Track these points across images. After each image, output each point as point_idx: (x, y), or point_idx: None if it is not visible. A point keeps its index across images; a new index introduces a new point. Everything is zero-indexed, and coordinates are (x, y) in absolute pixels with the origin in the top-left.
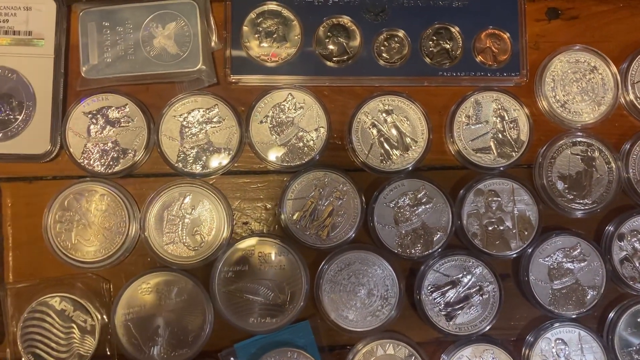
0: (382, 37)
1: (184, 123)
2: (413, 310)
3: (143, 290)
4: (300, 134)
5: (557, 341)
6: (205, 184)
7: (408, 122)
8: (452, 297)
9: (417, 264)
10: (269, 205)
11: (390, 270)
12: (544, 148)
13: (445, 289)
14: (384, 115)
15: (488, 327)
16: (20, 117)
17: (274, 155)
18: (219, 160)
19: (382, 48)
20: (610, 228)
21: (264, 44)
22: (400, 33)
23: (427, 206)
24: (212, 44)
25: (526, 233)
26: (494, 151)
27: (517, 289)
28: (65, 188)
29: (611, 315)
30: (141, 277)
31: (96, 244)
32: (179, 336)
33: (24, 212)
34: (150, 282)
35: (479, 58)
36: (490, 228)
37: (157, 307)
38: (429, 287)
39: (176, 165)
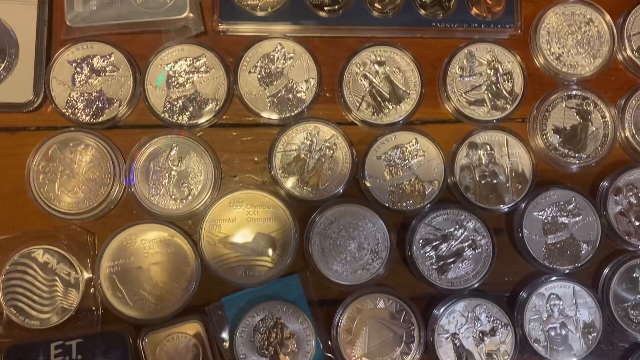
0: None
1: (171, 72)
2: (404, 265)
3: (128, 242)
4: (290, 85)
5: (551, 296)
6: (193, 135)
7: (400, 74)
8: (444, 251)
9: (409, 218)
10: (257, 158)
11: (381, 224)
12: (539, 101)
13: (437, 242)
14: (375, 66)
15: (480, 282)
16: (2, 65)
17: (263, 107)
18: (206, 111)
19: None
20: (605, 183)
21: None
22: None
23: (419, 159)
24: None
25: (520, 187)
26: (488, 104)
27: (510, 244)
28: (49, 138)
29: (606, 271)
30: (127, 229)
31: (80, 195)
32: (165, 289)
33: (6, 163)
34: (136, 235)
35: (473, 10)
36: (483, 181)
37: (143, 260)
38: (421, 241)
39: (162, 115)
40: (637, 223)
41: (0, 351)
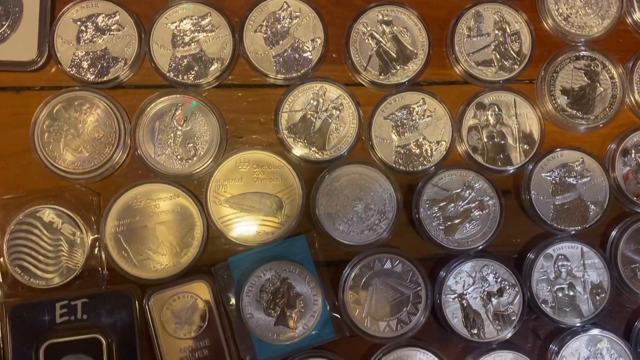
0: None
1: (176, 31)
2: (411, 227)
3: (134, 202)
4: (296, 44)
5: (559, 257)
6: (198, 95)
7: (408, 34)
8: (451, 211)
9: (416, 179)
10: (263, 119)
11: (388, 184)
12: (547, 62)
13: (444, 203)
14: (383, 26)
15: (488, 243)
16: (6, 23)
17: (268, 67)
18: (211, 71)
19: None
20: (613, 145)
21: None
22: None
23: (427, 120)
24: None
25: (527, 148)
26: (496, 64)
27: (518, 205)
28: (54, 97)
29: (614, 233)
30: (132, 189)
31: (85, 154)
32: (171, 249)
33: (11, 123)
34: (141, 194)
35: None
36: (491, 142)
37: (149, 219)
38: (428, 202)
39: (167, 75)
40: None
41: (5, 311)
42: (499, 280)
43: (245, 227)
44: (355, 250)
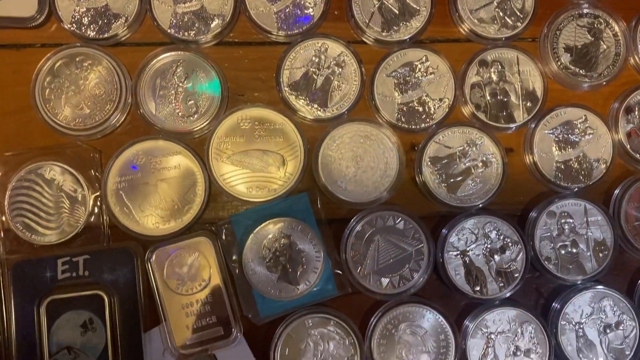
0: None
1: None
2: (414, 185)
3: (135, 158)
4: (298, 0)
5: (563, 214)
6: (199, 53)
7: None
8: (454, 169)
9: (418, 137)
10: (264, 77)
11: (390, 142)
12: (550, 19)
13: (447, 160)
14: None
15: (490, 201)
16: None
17: (270, 24)
18: (212, 27)
19: None
20: (616, 103)
21: None
22: None
23: (429, 77)
24: None
25: (530, 105)
26: (498, 21)
27: (521, 163)
28: (55, 53)
29: (617, 191)
30: (133, 145)
31: (86, 111)
32: (172, 206)
33: (12, 80)
34: (142, 151)
35: None
36: (493, 99)
37: (150, 176)
38: (430, 159)
39: (168, 31)
40: None
41: (7, 267)
42: (501, 237)
43: (247, 184)
44: (358, 208)
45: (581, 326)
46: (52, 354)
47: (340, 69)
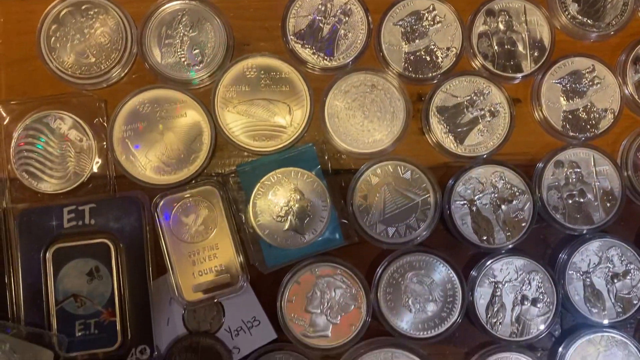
0: None
1: None
2: (420, 135)
3: (141, 107)
4: None
5: (570, 164)
6: (205, 1)
7: None
8: (461, 118)
9: (425, 87)
10: (270, 26)
11: (397, 92)
12: None
13: (454, 110)
14: None
15: (497, 151)
16: None
17: None
18: None
19: None
20: (624, 54)
21: None
22: None
23: (437, 26)
24: None
25: (537, 55)
26: None
27: (528, 113)
28: (60, 1)
29: (625, 142)
30: (139, 94)
31: (92, 59)
32: (179, 155)
33: (17, 29)
34: (148, 99)
35: None
36: (500, 49)
37: (156, 125)
38: (438, 109)
39: None
40: None
41: (13, 216)
42: (509, 186)
43: (253, 134)
44: (364, 158)
45: (588, 276)
46: (58, 302)
47: (346, 18)
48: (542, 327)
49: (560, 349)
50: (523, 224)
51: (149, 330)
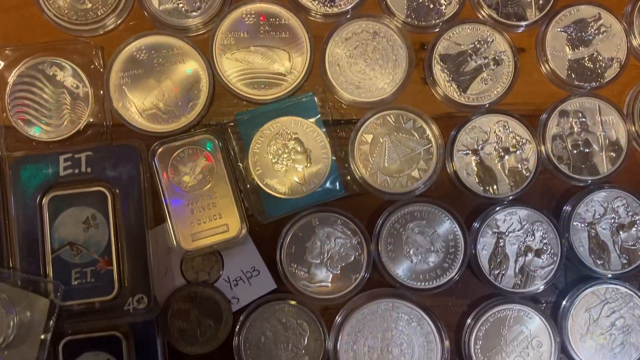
0: None
1: None
2: (423, 84)
3: (138, 54)
4: None
5: (575, 113)
6: None
7: None
8: (464, 66)
9: (428, 37)
10: None
11: (399, 40)
12: None
13: (458, 58)
14: None
15: (502, 100)
16: None
17: None
18: None
19: None
20: (629, 6)
21: None
22: None
23: None
24: None
25: (542, 2)
26: None
27: (533, 63)
28: None
29: (631, 91)
30: (136, 41)
31: (88, 5)
32: (176, 103)
33: None
34: (146, 46)
35: None
36: None
37: (153, 72)
38: (441, 57)
39: None
40: None
41: (8, 163)
42: (513, 135)
43: (252, 82)
44: (365, 108)
45: (593, 227)
46: (54, 250)
47: None
48: (546, 278)
49: (564, 302)
50: (527, 174)
51: (147, 279)
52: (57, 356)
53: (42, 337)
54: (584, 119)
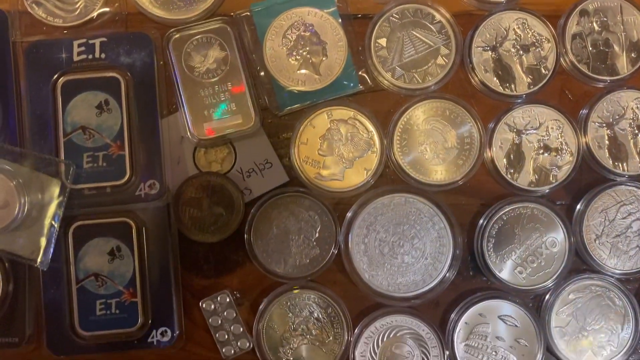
0: None
1: None
2: None
3: None
4: None
5: (596, 12)
6: None
7: None
8: None
9: None
10: None
11: None
12: None
13: None
14: None
15: None
16: None
17: None
18: None
19: None
20: None
21: None
22: None
23: None
24: None
25: None
26: None
27: None
28: None
29: None
30: None
31: None
32: None
33: None
34: None
35: None
36: None
37: None
38: None
39: None
40: None
41: (22, 48)
42: (532, 33)
43: None
44: (383, 3)
45: (612, 127)
46: (66, 134)
47: None
48: (562, 178)
49: (579, 204)
50: (545, 72)
51: (159, 165)
52: (67, 240)
53: (52, 219)
54: (605, 19)
